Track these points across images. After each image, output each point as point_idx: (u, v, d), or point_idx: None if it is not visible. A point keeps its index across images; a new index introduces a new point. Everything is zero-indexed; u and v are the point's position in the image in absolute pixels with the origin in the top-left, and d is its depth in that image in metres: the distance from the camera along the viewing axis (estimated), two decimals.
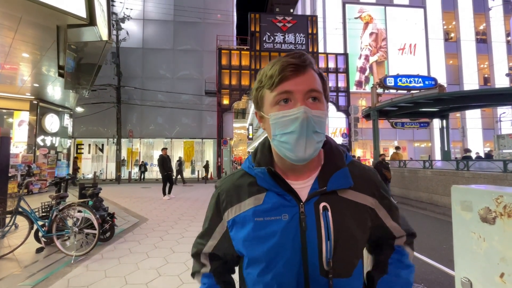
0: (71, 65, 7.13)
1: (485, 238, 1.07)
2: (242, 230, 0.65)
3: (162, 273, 3.22)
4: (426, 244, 4.47)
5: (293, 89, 0.59)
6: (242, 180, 0.69)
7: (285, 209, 0.62)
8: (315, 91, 0.60)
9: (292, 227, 0.61)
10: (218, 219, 0.72)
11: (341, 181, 0.64)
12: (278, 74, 0.59)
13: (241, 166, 0.75)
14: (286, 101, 0.60)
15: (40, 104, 11.73)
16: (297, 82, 0.59)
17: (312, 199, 0.62)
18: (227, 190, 0.70)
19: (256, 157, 0.70)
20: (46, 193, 9.85)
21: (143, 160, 18.22)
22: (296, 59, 0.59)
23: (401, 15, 23.46)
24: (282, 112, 0.60)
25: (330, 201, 0.62)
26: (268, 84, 0.61)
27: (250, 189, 0.67)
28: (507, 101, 10.44)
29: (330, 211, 0.61)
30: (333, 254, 0.59)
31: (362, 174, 0.68)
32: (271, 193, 0.64)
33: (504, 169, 6.40)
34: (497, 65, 23.82)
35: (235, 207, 0.67)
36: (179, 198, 9.32)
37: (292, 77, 0.59)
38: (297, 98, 0.59)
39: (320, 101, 0.61)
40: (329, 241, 0.59)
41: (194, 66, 19.38)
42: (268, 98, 0.62)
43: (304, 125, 0.57)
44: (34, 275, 3.13)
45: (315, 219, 0.61)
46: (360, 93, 22.30)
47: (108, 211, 4.58)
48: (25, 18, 5.27)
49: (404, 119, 14.03)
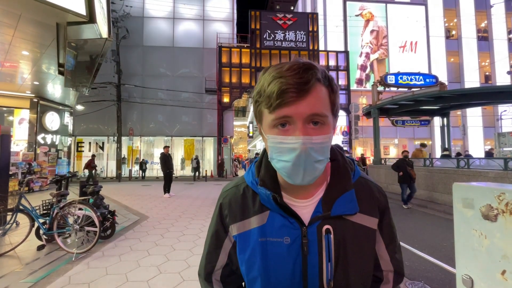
0: (71, 63, 7.11)
1: (486, 235, 1.07)
2: (245, 248, 0.64)
3: (163, 270, 3.23)
4: (426, 242, 4.48)
5: (293, 115, 0.53)
6: (246, 195, 0.68)
7: (288, 231, 0.61)
8: (318, 116, 0.54)
9: (294, 250, 0.60)
10: (224, 234, 0.70)
11: (347, 206, 0.61)
12: (276, 98, 0.53)
13: (244, 176, 0.72)
14: (284, 125, 0.55)
15: (41, 102, 11.72)
16: (298, 106, 0.53)
17: (315, 223, 0.61)
18: (229, 204, 0.69)
19: (260, 172, 0.67)
20: (47, 191, 9.87)
21: (144, 158, 18.25)
22: (298, 77, 0.52)
23: (402, 12, 23.34)
24: (280, 138, 0.55)
25: (334, 224, 0.60)
26: (265, 103, 0.55)
27: (253, 206, 0.65)
28: (508, 99, 10.40)
29: (332, 234, 0.59)
30: (334, 274, 0.59)
31: (369, 195, 0.66)
32: (275, 213, 0.63)
33: (505, 167, 6.40)
34: (499, 63, 23.72)
35: (238, 224, 0.66)
36: (180, 196, 9.34)
37: (292, 103, 0.53)
38: (296, 124, 0.54)
39: (325, 124, 0.56)
40: (330, 263, 0.59)
41: (195, 64, 19.33)
42: (266, 118, 0.57)
43: (301, 157, 0.53)
44: (35, 272, 3.14)
45: (317, 243, 0.59)
46: (361, 91, 22.24)
47: (108, 208, 4.60)
48: (25, 16, 5.25)
49: (405, 117, 14.02)
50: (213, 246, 0.72)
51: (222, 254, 0.71)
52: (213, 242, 0.72)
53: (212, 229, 0.73)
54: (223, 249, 0.70)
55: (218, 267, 0.72)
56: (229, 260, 0.71)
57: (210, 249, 0.72)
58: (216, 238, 0.71)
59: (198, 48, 19.47)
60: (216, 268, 0.72)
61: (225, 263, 0.71)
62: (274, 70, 0.55)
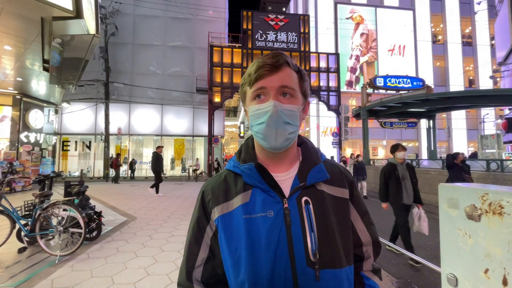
0: (56, 59, 6.88)
1: (470, 235, 1.09)
2: (229, 228, 0.66)
3: (151, 272, 3.17)
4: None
5: (267, 86, 0.65)
6: (228, 178, 0.72)
7: (270, 205, 0.65)
8: (287, 88, 0.66)
9: (278, 223, 0.63)
10: (205, 221, 0.70)
11: (319, 175, 0.69)
12: (254, 73, 0.66)
13: (225, 168, 0.77)
14: (260, 96, 0.67)
15: (24, 99, 11.30)
16: (271, 79, 0.65)
17: (294, 194, 0.66)
18: (212, 189, 0.71)
19: (240, 156, 0.74)
20: (29, 191, 9.53)
21: (133, 158, 17.91)
22: (271, 59, 0.66)
23: (391, 16, 23.87)
24: (257, 106, 0.67)
25: (311, 195, 0.66)
26: (248, 81, 0.69)
27: (236, 186, 0.69)
28: (491, 103, 10.80)
29: (311, 204, 0.65)
30: (318, 245, 0.62)
31: (337, 170, 0.74)
32: (257, 189, 0.67)
33: (487, 168, 6.63)
34: (482, 68, 24.61)
35: (222, 205, 0.68)
36: (169, 196, 9.21)
37: (266, 76, 0.65)
38: (270, 94, 0.66)
39: (294, 96, 0.67)
40: (313, 233, 0.62)
41: (185, 63, 19.13)
42: (248, 94, 0.69)
43: (273, 117, 0.64)
44: (16, 276, 3.02)
45: (298, 213, 0.64)
46: (351, 92, 22.59)
47: (95, 209, 4.47)
48: (7, 9, 5.04)
49: (393, 119, 14.34)
50: (194, 237, 0.71)
51: (203, 245, 0.70)
52: (195, 232, 0.71)
53: (193, 219, 0.73)
54: (204, 239, 0.70)
55: (199, 262, 0.69)
56: (211, 253, 0.69)
57: (191, 241, 0.71)
58: (197, 227, 0.71)
59: (189, 47, 19.27)
60: (197, 263, 0.69)
61: (206, 256, 0.69)
62: (256, 59, 0.69)
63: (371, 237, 0.76)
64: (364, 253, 0.75)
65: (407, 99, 11.03)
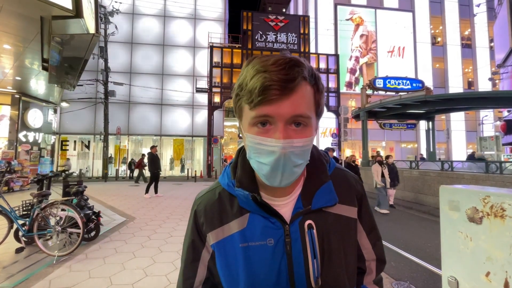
0: (55, 59, 6.86)
1: (472, 237, 1.08)
2: (225, 257, 0.60)
3: (149, 273, 3.15)
4: (412, 243, 4.58)
5: (274, 115, 0.50)
6: (222, 199, 0.63)
7: (271, 232, 0.58)
8: (302, 117, 0.51)
9: (279, 252, 0.57)
10: (201, 244, 0.64)
11: (326, 197, 0.60)
12: (258, 95, 0.48)
13: (218, 180, 0.67)
14: (265, 124, 0.51)
15: (23, 98, 11.27)
16: (280, 106, 0.49)
17: (296, 219, 0.58)
18: (205, 211, 0.63)
19: (236, 173, 0.62)
20: (28, 191, 9.49)
21: (132, 158, 17.87)
22: (283, 72, 0.48)
23: (390, 18, 23.92)
24: (259, 138, 0.52)
25: (315, 218, 0.58)
26: (247, 98, 0.51)
27: (232, 209, 0.61)
28: (489, 105, 10.83)
29: (315, 228, 0.58)
30: (320, 271, 0.57)
31: (346, 184, 0.65)
32: (255, 215, 0.59)
33: (486, 170, 6.64)
34: (481, 70, 24.68)
35: (217, 231, 0.61)
36: (168, 196, 9.18)
37: (275, 101, 0.49)
38: (278, 125, 0.50)
39: (308, 125, 0.53)
40: (315, 259, 0.56)
41: (185, 63, 19.12)
42: (247, 115, 0.53)
43: (280, 161, 0.50)
44: (13, 276, 3.00)
45: (300, 241, 0.57)
46: (350, 94, 22.61)
47: (93, 209, 4.45)
48: (7, 8, 5.03)
49: (392, 120, 14.36)
50: (190, 260, 0.65)
51: (200, 267, 0.64)
52: (190, 254, 0.65)
53: (187, 241, 0.66)
54: (201, 261, 0.64)
55: (197, 283, 0.65)
56: (209, 274, 0.65)
57: (186, 263, 0.66)
58: (192, 249, 0.65)
59: (189, 47, 19.27)
60: (195, 285, 0.65)
61: (204, 278, 0.65)
62: (259, 63, 0.51)
63: (376, 255, 0.70)
64: (366, 267, 0.70)
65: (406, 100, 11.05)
